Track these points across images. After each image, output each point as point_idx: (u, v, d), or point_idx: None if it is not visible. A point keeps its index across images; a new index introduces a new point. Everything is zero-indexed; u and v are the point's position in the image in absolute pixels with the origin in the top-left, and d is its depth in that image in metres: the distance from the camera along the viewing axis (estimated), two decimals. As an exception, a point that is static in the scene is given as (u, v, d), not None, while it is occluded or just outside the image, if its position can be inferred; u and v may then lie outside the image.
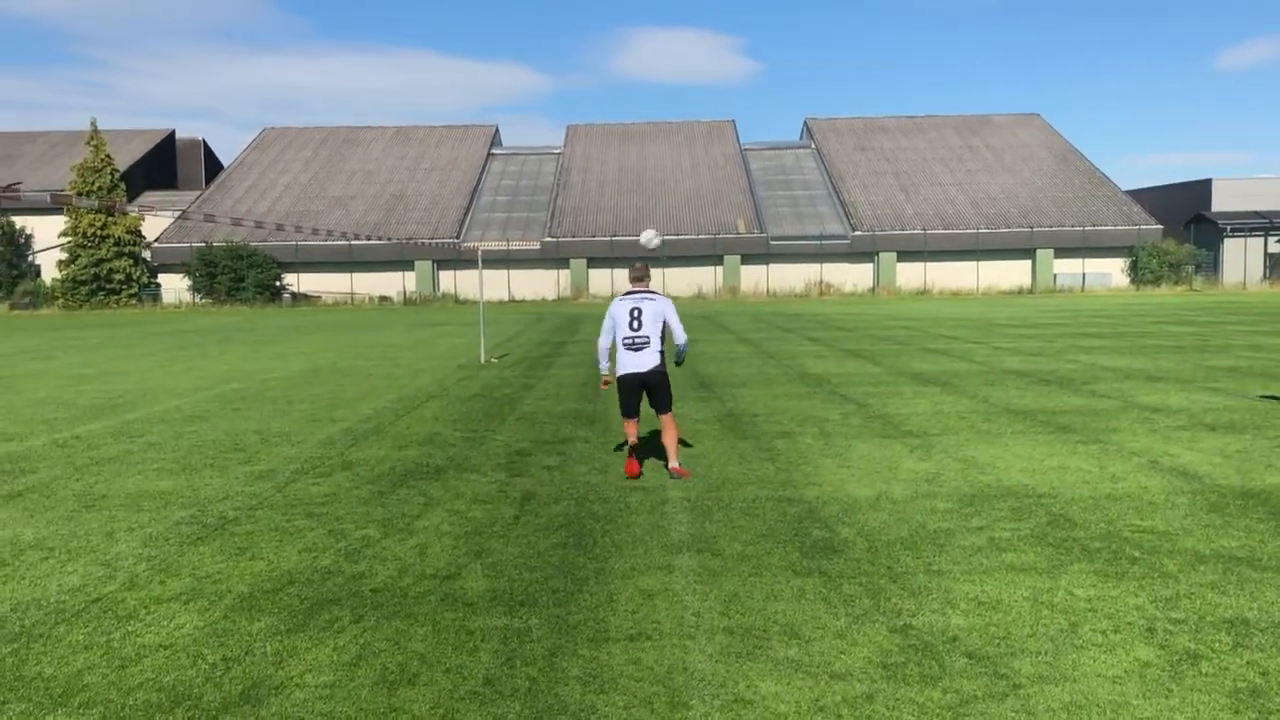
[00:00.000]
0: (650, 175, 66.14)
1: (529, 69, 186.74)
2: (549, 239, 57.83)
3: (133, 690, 4.14)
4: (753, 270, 59.05)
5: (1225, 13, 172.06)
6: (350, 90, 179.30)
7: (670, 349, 8.96)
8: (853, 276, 59.37)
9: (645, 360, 8.45)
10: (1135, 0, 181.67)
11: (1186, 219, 61.00)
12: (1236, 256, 59.18)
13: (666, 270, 58.42)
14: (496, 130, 74.20)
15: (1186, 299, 45.42)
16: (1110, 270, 58.70)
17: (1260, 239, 59.04)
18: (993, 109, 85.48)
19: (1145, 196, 65.76)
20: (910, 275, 58.83)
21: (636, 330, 8.45)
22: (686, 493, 7.63)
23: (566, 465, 8.79)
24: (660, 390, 8.52)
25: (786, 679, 4.22)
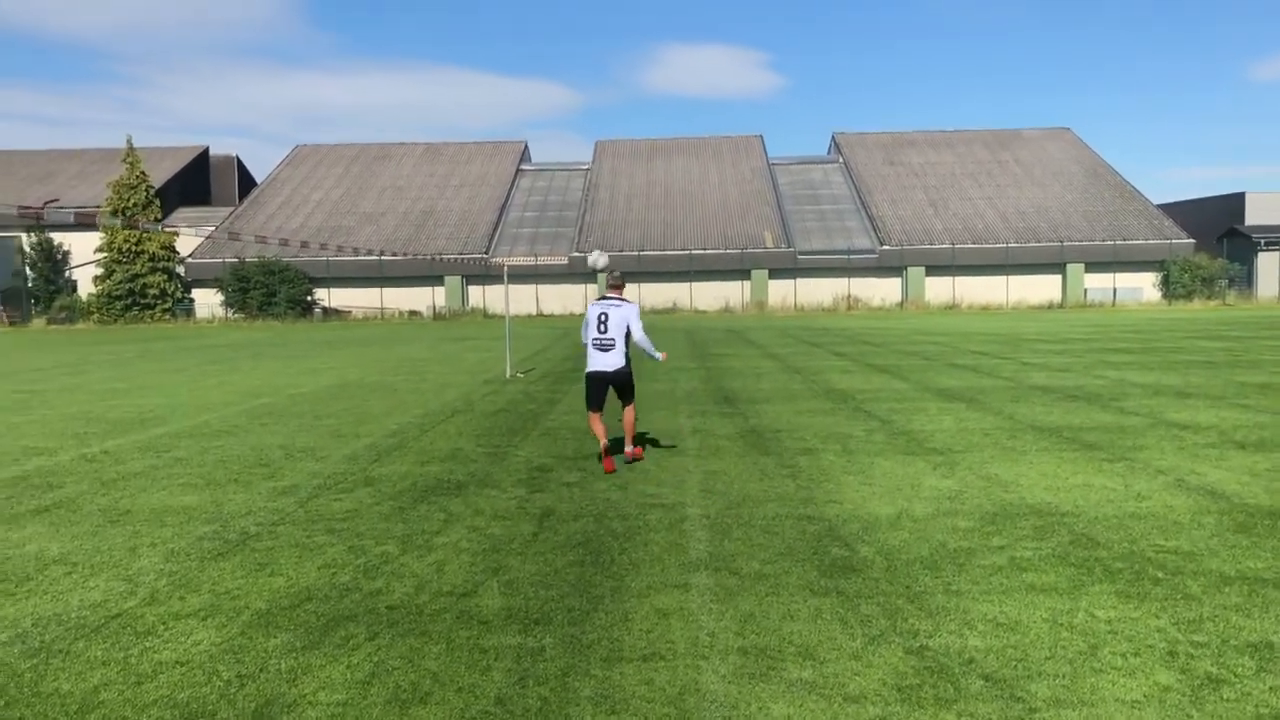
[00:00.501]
0: (678, 190, 66.25)
1: (559, 85, 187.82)
2: (576, 254, 58.00)
3: (147, 707, 4.17)
4: (780, 285, 58.96)
5: (1256, 24, 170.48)
6: (382, 107, 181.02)
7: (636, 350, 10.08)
8: (881, 291, 59.16)
9: (611, 360, 9.61)
10: (1166, 13, 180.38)
11: (1219, 233, 60.37)
12: (1271, 270, 58.47)
13: (694, 285, 58.44)
14: (525, 146, 74.62)
15: (1219, 314, 44.90)
16: (1141, 285, 58.16)
17: (1296, 253, 58.34)
18: (1022, 123, 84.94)
19: (1177, 210, 65.16)
20: (939, 290, 58.54)
21: (603, 333, 9.59)
22: (706, 510, 7.61)
23: (587, 482, 8.79)
24: (625, 387, 9.83)
25: (799, 701, 4.20)
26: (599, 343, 9.57)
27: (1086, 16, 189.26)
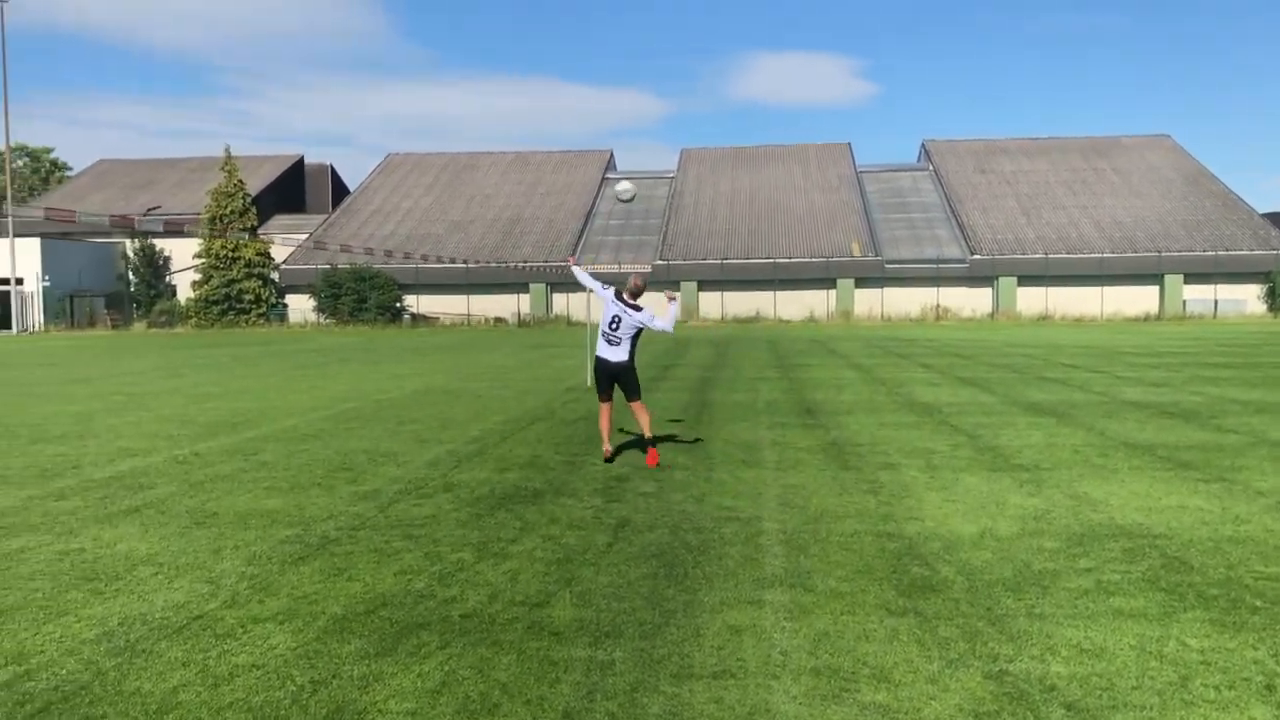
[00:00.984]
0: (763, 198, 65.95)
1: (647, 94, 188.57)
2: (660, 262, 58.07)
3: (222, 710, 4.24)
4: (867, 294, 58.29)
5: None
6: (472, 117, 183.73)
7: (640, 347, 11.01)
8: (970, 301, 58.11)
9: (616, 354, 10.45)
10: (1268, 16, 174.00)
11: (1330, 243, 58.04)
12: (1386, 283, 56.04)
13: (778, 294, 58.10)
14: (611, 155, 75.08)
15: (1329, 327, 43.10)
16: (1245, 296, 56.15)
17: None
18: (1121, 130, 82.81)
19: (1285, 219, 62.81)
20: (1031, 300, 57.28)
21: (614, 331, 10.43)
22: (783, 525, 7.51)
23: (663, 492, 8.75)
24: (627, 382, 10.47)
25: (872, 725, 4.09)
26: (608, 337, 10.45)
27: (1187, 22, 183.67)
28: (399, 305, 57.33)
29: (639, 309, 10.49)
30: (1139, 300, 56.93)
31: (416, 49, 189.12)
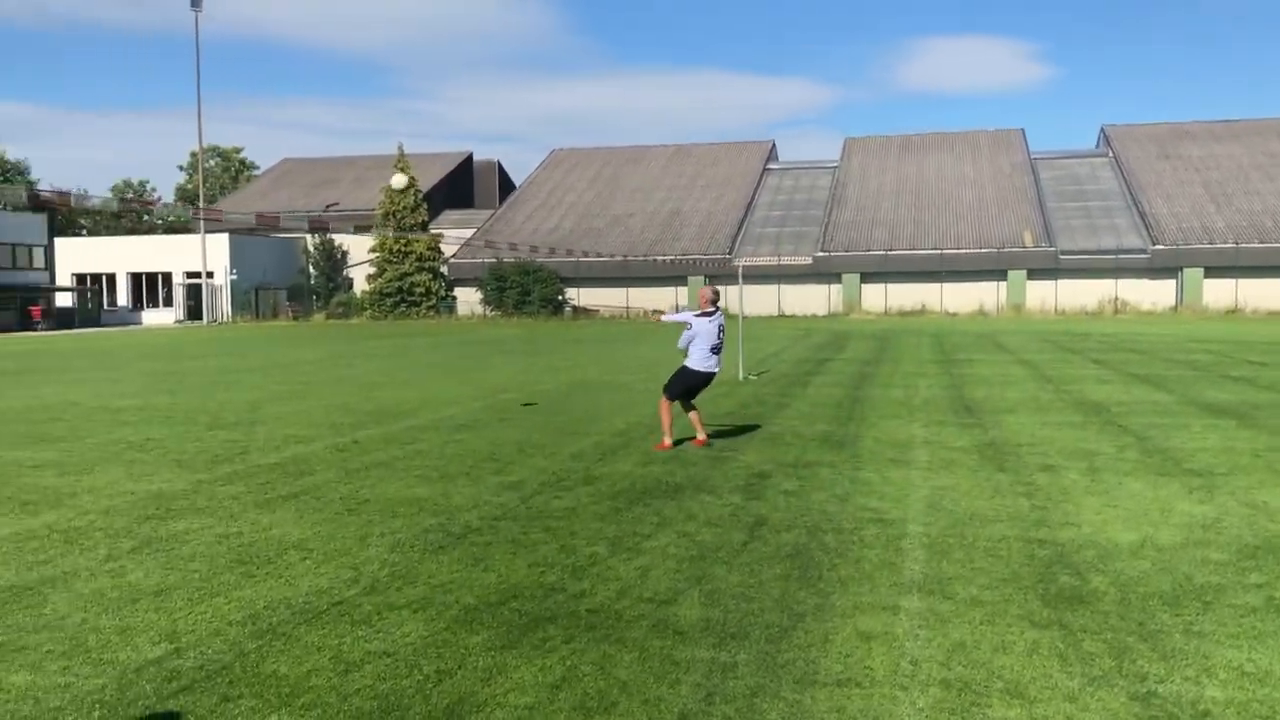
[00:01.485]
0: (930, 187, 64.18)
1: (811, 83, 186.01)
2: (821, 253, 57.27)
3: (350, 696, 4.36)
4: (1039, 286, 56.02)
5: None
6: (636, 110, 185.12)
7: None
8: (1151, 294, 55.15)
9: (718, 365, 11.11)
10: None
11: None
12: None
13: (945, 286, 56.49)
14: (773, 145, 74.42)
15: None
16: None
17: None
18: (1324, 109, 76.95)
19: None
20: (1218, 293, 53.91)
21: (720, 341, 11.00)
22: (927, 528, 7.26)
23: (805, 491, 8.58)
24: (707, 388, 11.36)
25: (1001, 744, 3.89)
26: (716, 348, 10.96)
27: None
28: (560, 298, 58.38)
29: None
30: (1343, 292, 52.83)
31: (582, 44, 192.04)
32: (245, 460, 10.29)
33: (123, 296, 61.34)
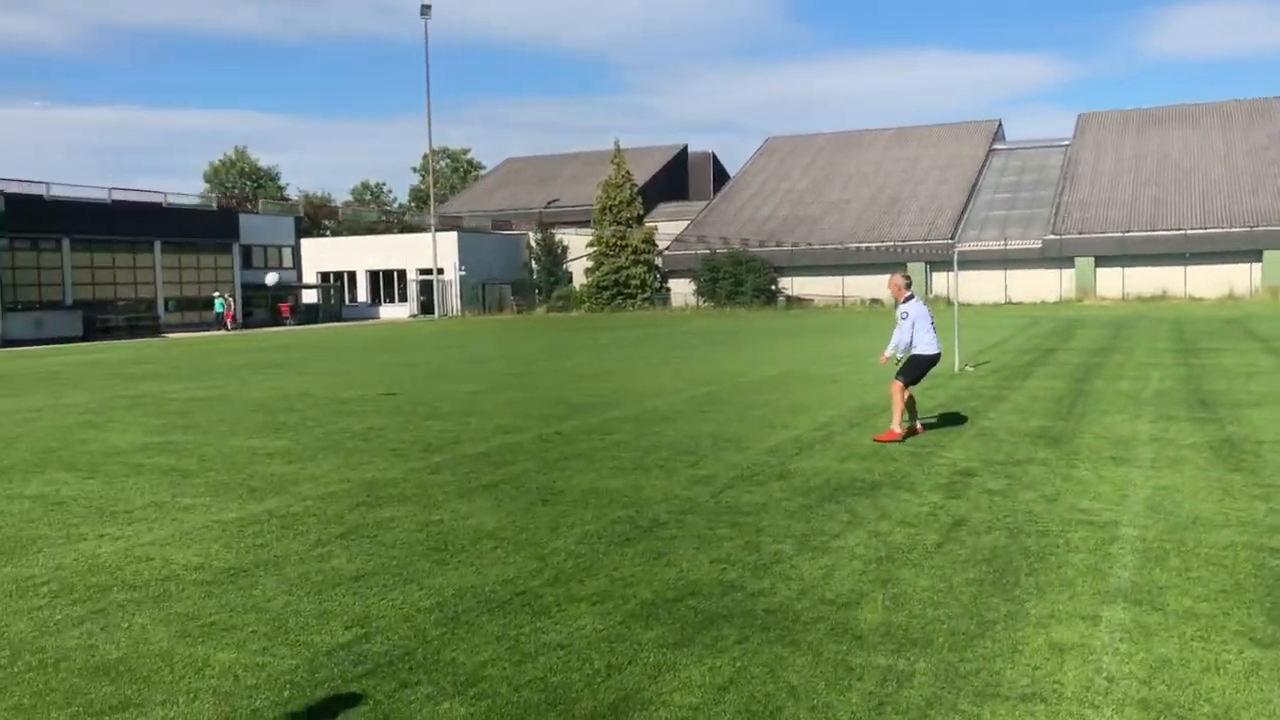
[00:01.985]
0: (1172, 163, 59.85)
1: (1041, 58, 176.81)
2: (1051, 236, 54.45)
3: (521, 687, 4.43)
4: (1299, 267, 51.22)
5: None
6: (855, 95, 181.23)
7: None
8: None
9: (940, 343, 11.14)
10: None
11: None
12: None
13: (1188, 269, 52.58)
14: (999, 125, 71.32)
15: None
16: None
17: None
18: None
19: None
20: None
21: (934, 323, 11.09)
22: (1143, 531, 6.74)
23: (1012, 490, 8.14)
24: None
25: (1202, 777, 3.54)
26: (933, 324, 11.06)
27: None
28: (774, 288, 57.98)
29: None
30: None
31: (800, 30, 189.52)
32: (455, 450, 10.70)
33: (362, 293, 65.25)
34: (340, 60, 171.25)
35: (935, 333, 11.09)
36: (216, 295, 50.10)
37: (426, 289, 62.37)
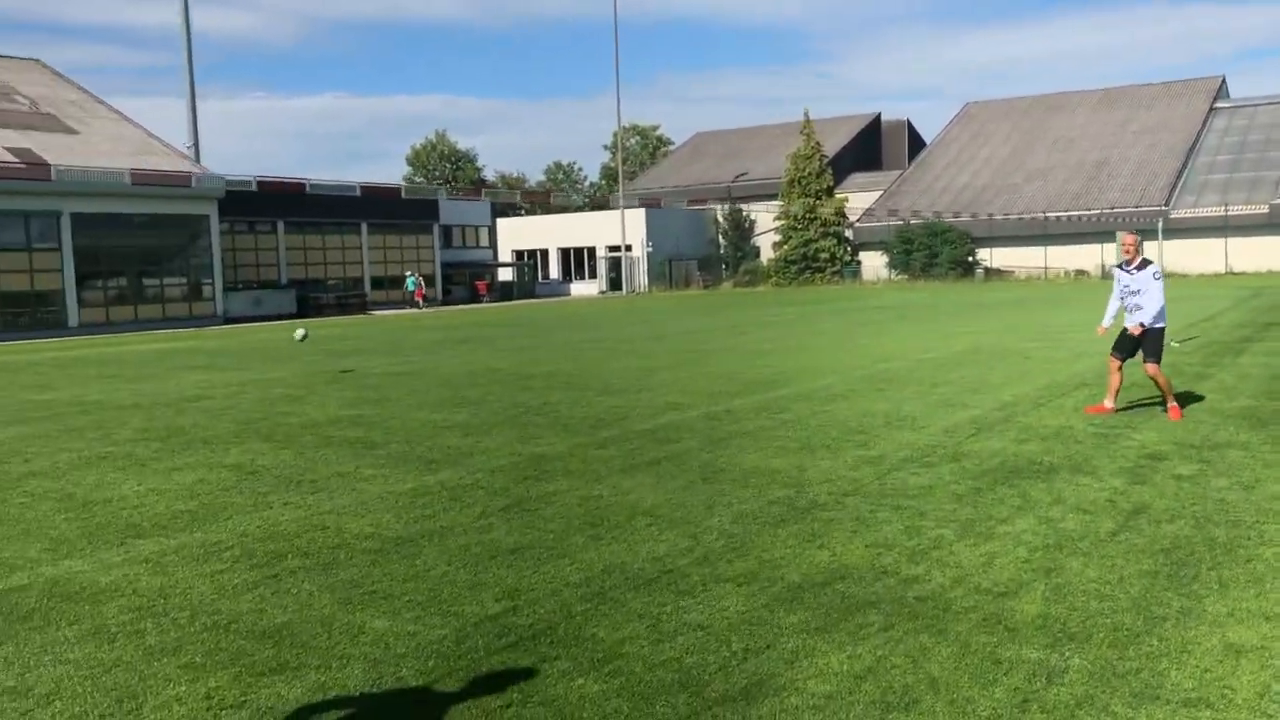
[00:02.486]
0: None
1: (1272, 6, 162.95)
2: (1277, 201, 50.33)
3: (655, 667, 4.43)
4: None
5: None
6: (1061, 55, 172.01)
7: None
8: None
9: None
10: None
11: None
12: None
13: None
14: (1222, 82, 66.34)
15: None
16: None
17: None
18: None
19: None
20: None
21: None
22: (1352, 524, 6.15)
23: (1203, 476, 7.58)
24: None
25: (1384, 801, 3.20)
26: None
27: None
28: (971, 259, 55.96)
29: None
30: None
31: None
32: (623, 425, 10.81)
33: (554, 270, 66.83)
34: (532, 42, 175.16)
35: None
36: (408, 274, 52.22)
37: (615, 266, 63.26)
